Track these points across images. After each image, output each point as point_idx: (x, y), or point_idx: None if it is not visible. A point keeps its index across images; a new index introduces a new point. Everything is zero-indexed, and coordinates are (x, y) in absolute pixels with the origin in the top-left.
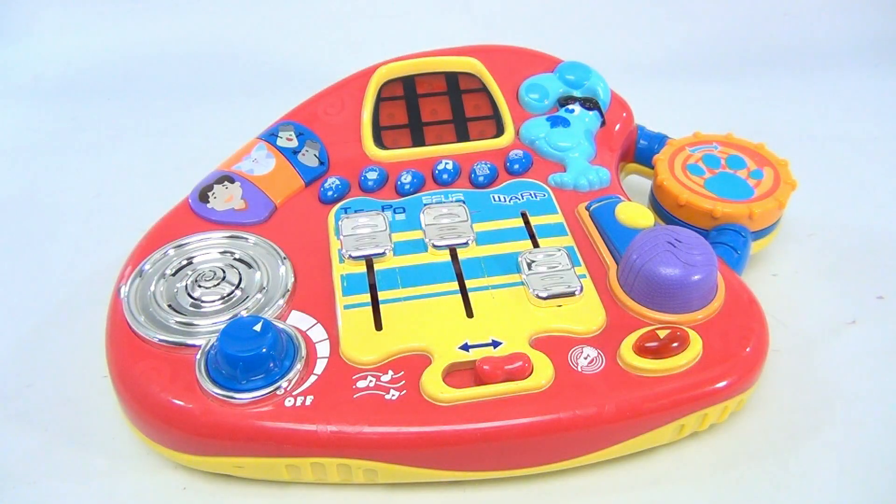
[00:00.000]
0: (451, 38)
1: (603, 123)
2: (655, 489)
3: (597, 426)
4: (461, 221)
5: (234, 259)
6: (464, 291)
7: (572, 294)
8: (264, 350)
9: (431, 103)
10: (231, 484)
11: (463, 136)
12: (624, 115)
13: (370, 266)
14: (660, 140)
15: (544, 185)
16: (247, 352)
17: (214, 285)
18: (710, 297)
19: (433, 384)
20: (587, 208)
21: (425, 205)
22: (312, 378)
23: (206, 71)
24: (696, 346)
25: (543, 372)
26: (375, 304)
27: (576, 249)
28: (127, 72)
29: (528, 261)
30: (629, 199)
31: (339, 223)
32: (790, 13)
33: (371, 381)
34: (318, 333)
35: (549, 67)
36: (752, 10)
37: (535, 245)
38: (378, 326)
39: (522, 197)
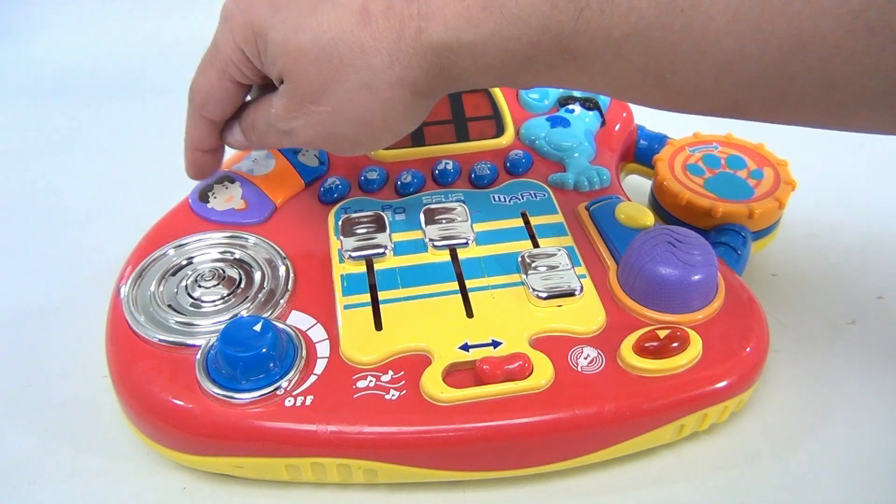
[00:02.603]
0: None
1: (603, 123)
2: (655, 489)
3: (597, 426)
4: (461, 221)
5: (234, 259)
6: (464, 291)
7: (572, 294)
8: (264, 350)
9: None
10: (231, 484)
11: (463, 136)
12: (624, 115)
13: (370, 266)
14: (660, 140)
15: (544, 185)
16: (247, 352)
17: (214, 285)
18: (710, 297)
19: (433, 384)
20: (587, 208)
21: (425, 205)
22: (312, 378)
23: None
24: (696, 346)
25: (543, 372)
26: (375, 304)
27: (576, 249)
28: (127, 72)
29: (528, 261)
30: (629, 199)
31: (339, 223)
32: None
33: (371, 381)
34: (318, 333)
35: None
36: None
37: (535, 245)
38: (378, 326)
39: (522, 197)
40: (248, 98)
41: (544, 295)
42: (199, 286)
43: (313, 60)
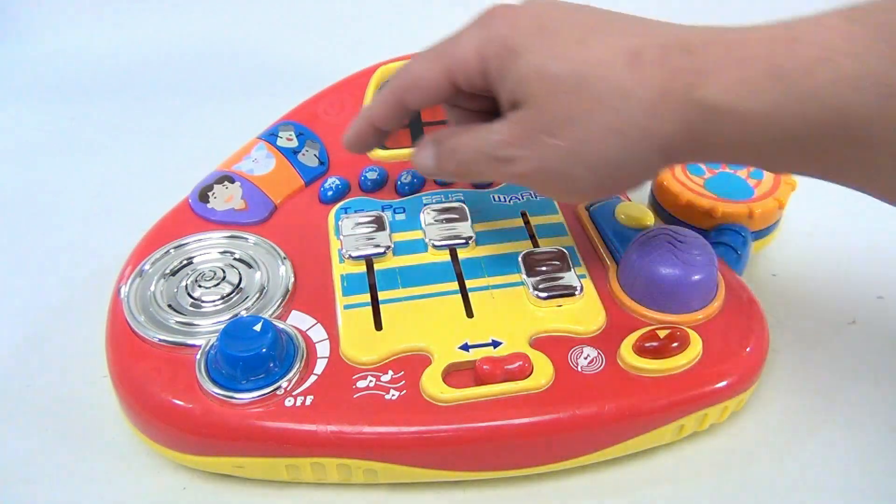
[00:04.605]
0: None
1: None
2: (655, 489)
3: (597, 426)
4: (461, 221)
5: (234, 259)
6: (464, 291)
7: (572, 294)
8: (264, 350)
9: None
10: (231, 484)
11: None
12: None
13: (370, 266)
14: None
15: None
16: (247, 352)
17: (214, 285)
18: (710, 297)
19: (433, 384)
20: (587, 208)
21: (425, 205)
22: (312, 378)
23: (206, 71)
24: (696, 346)
25: (543, 372)
26: (375, 304)
27: (576, 249)
28: (127, 72)
29: (528, 261)
30: (629, 199)
31: (339, 223)
32: (790, 13)
33: (371, 381)
34: (318, 333)
35: None
36: (752, 9)
37: (535, 245)
38: (378, 326)
39: (522, 197)
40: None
41: (544, 295)
42: (199, 286)
43: (566, 91)
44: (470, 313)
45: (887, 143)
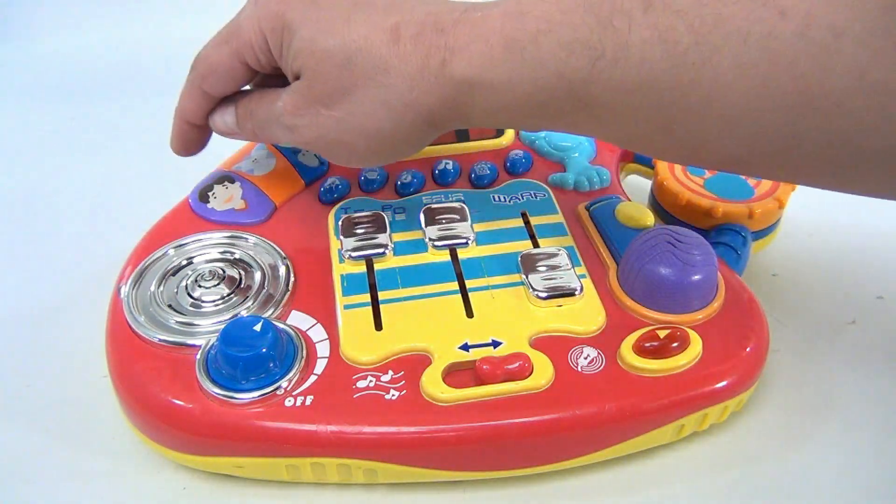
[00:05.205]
0: None
1: None
2: (655, 489)
3: (597, 426)
4: (461, 221)
5: (234, 259)
6: (464, 291)
7: (572, 294)
8: (264, 350)
9: None
10: (231, 484)
11: (463, 136)
12: None
13: (370, 266)
14: None
15: (544, 185)
16: (247, 352)
17: (214, 285)
18: (710, 297)
19: (433, 384)
20: (587, 208)
21: (425, 205)
22: (312, 378)
23: None
24: (696, 346)
25: (543, 372)
26: (375, 304)
27: (576, 249)
28: (127, 72)
29: (528, 261)
30: (629, 199)
31: (339, 223)
32: None
33: (371, 381)
34: (318, 333)
35: None
36: None
37: (535, 245)
38: (378, 326)
39: (522, 197)
40: (248, 87)
41: (544, 295)
42: (200, 286)
43: (336, 65)
44: (470, 313)
45: (604, 100)
